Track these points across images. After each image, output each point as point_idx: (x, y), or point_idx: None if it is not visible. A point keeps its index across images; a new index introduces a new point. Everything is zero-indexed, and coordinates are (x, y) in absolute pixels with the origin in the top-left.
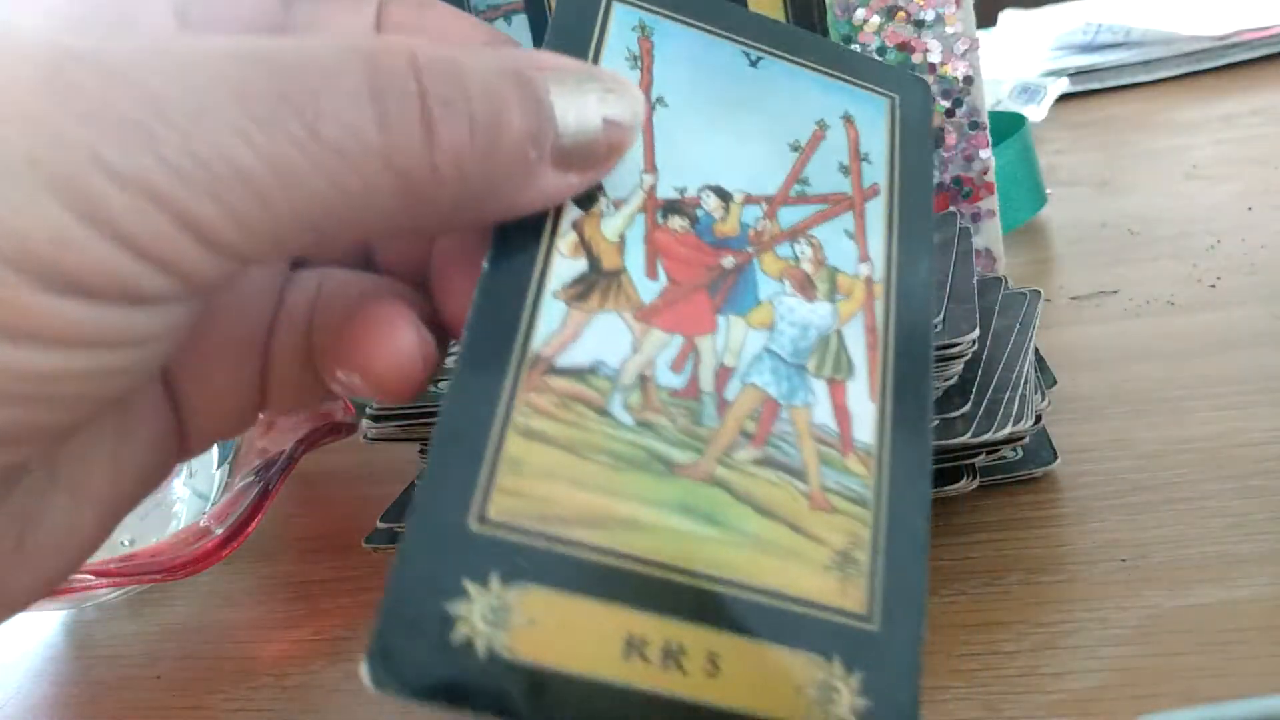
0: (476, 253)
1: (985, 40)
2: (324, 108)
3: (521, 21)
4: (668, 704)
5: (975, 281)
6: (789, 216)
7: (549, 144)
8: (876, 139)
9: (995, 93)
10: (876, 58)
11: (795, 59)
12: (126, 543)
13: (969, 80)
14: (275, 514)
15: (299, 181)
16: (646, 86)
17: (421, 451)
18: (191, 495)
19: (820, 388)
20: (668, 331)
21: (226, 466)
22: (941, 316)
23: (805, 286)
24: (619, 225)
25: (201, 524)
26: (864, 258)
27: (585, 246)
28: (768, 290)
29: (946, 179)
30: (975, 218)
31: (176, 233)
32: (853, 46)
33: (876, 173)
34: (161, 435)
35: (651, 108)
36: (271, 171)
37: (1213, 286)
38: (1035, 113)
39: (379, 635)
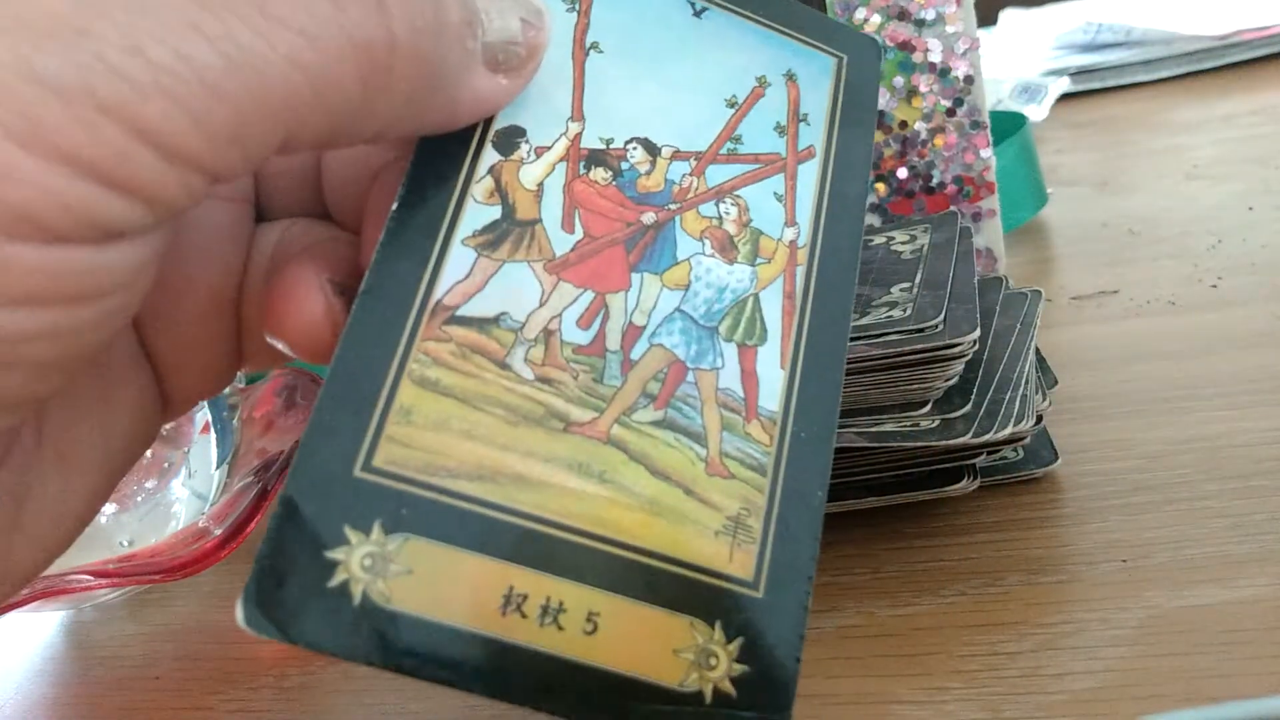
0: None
1: (986, 40)
2: None
3: None
4: (542, 660)
5: (976, 281)
6: (717, 175)
7: (480, 37)
8: (818, 99)
9: (996, 92)
10: (828, 15)
11: (743, 11)
12: (125, 543)
13: (969, 80)
14: None
15: (259, 69)
16: (583, 30)
17: None
18: (190, 496)
19: (730, 351)
20: (578, 286)
21: (226, 467)
22: (942, 316)
23: (726, 248)
24: (538, 173)
25: (200, 524)
26: (790, 221)
27: (501, 193)
28: (686, 249)
29: (947, 179)
30: (976, 217)
31: (134, 146)
32: None
33: (814, 134)
34: (143, 398)
35: (585, 53)
36: (228, 61)
37: (1213, 286)
38: (1036, 112)
39: (255, 576)
